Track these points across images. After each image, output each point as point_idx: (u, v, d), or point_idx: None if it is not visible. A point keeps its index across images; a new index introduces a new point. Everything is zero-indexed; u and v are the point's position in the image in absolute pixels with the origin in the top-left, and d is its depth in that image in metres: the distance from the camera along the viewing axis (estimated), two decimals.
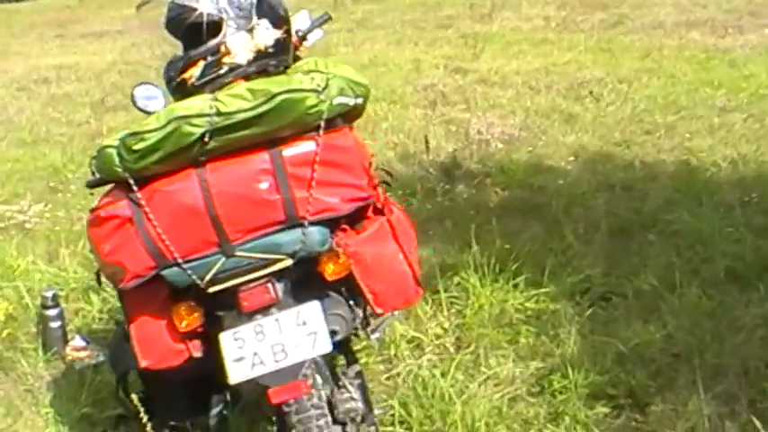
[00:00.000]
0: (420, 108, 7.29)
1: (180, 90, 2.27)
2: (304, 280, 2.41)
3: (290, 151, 2.16)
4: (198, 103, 2.08)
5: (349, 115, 2.34)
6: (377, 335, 2.96)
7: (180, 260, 2.16)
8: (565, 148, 6.02)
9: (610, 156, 5.83)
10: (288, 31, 2.39)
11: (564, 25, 10.82)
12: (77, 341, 3.72)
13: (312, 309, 2.27)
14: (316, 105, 2.13)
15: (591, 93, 7.14)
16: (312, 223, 2.20)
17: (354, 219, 2.39)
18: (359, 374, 2.72)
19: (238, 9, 2.31)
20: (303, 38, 2.75)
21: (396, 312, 3.21)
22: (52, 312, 3.73)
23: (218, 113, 2.05)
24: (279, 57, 2.31)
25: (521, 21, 11.42)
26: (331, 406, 2.49)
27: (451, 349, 3.55)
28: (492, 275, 3.85)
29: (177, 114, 2.06)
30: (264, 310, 2.28)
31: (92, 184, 2.32)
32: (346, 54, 9.75)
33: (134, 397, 2.53)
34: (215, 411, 2.70)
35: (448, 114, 7.01)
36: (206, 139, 2.06)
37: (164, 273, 2.19)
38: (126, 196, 2.16)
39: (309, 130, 2.17)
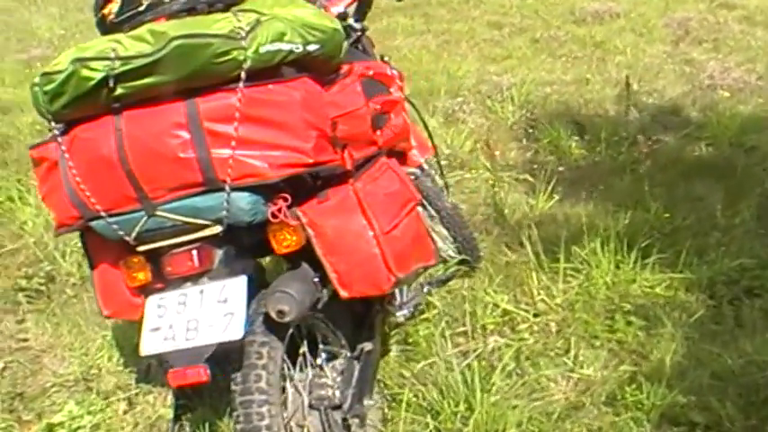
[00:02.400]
0: (665, 44, 6.45)
1: (101, 27, 2.03)
2: (256, 248, 2.13)
3: (207, 104, 1.84)
4: (100, 45, 1.84)
5: (308, 64, 1.98)
6: (404, 311, 2.62)
7: (103, 213, 1.96)
8: None
9: None
10: None
11: None
12: None
13: (236, 285, 1.96)
14: (227, 52, 1.79)
15: None
16: (237, 188, 1.89)
17: (318, 186, 2.06)
18: (357, 358, 2.41)
19: None
20: None
21: (427, 287, 2.84)
22: None
23: (118, 57, 1.80)
24: None
25: None
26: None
27: (550, 330, 3.07)
28: (626, 248, 3.28)
29: (76, 56, 1.83)
30: (193, 277, 2.04)
31: None
32: None
33: None
34: None
35: (689, 54, 6.12)
36: (110, 85, 1.82)
37: (92, 224, 2.02)
38: (55, 139, 2.00)
39: (233, 80, 1.86)
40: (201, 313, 1.96)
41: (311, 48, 1.93)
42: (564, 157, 4.59)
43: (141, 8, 1.92)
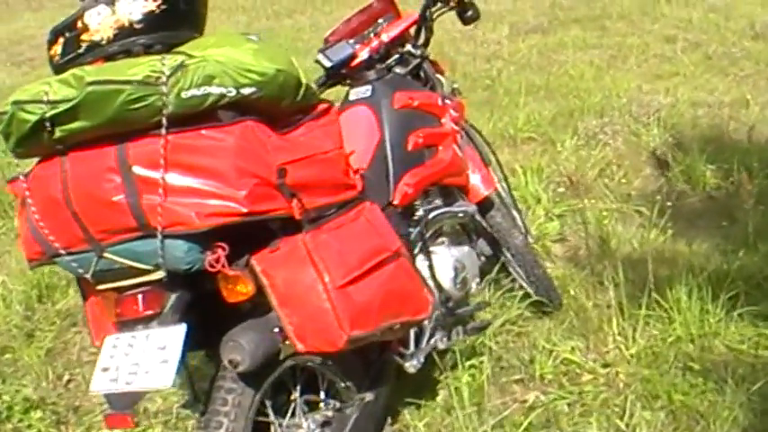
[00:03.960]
0: None
1: (51, 67, 2.04)
2: (214, 295, 2.06)
3: (135, 149, 1.80)
4: (35, 87, 1.84)
5: (254, 107, 1.88)
6: (413, 361, 2.46)
7: (62, 251, 1.97)
8: None
9: None
10: (167, 2, 1.96)
11: None
12: None
13: (174, 333, 1.90)
14: (142, 98, 1.74)
15: None
16: (172, 236, 1.82)
17: (270, 234, 1.96)
18: (352, 408, 2.30)
19: None
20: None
21: (437, 335, 2.64)
22: None
23: (47, 101, 1.79)
24: (151, 34, 1.91)
25: None
26: None
27: (617, 385, 2.79)
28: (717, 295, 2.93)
29: (15, 98, 1.85)
30: (144, 321, 2.00)
31: None
32: None
33: None
34: None
35: None
36: (48, 128, 1.82)
37: (56, 260, 2.03)
38: (17, 177, 2.02)
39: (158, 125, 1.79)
40: (143, 358, 1.92)
41: (246, 91, 1.83)
42: (696, 187, 4.19)
43: (81, 50, 1.90)
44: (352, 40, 2.87)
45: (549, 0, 9.02)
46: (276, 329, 1.99)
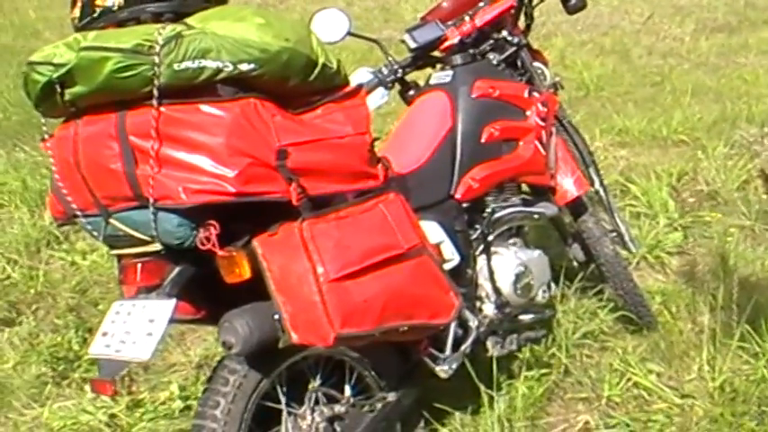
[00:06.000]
0: None
1: (73, 29, 2.02)
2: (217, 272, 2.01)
3: (132, 118, 1.77)
4: (49, 49, 1.83)
5: (259, 84, 1.80)
6: (444, 366, 2.32)
7: (78, 212, 1.99)
8: None
9: None
10: None
11: None
12: None
13: (162, 307, 1.88)
14: (130, 67, 1.70)
15: None
16: (165, 209, 1.78)
17: (271, 215, 1.88)
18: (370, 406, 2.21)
19: None
20: None
21: (490, 342, 2.48)
22: None
23: (52, 63, 1.79)
24: (160, 2, 1.81)
25: None
26: None
27: (690, 419, 2.55)
28: None
29: (31, 58, 1.86)
30: (143, 290, 1.98)
31: None
32: None
33: None
34: None
35: None
36: (59, 90, 1.82)
37: (76, 221, 2.05)
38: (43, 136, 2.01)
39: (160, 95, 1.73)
40: (135, 328, 1.91)
41: (244, 67, 1.75)
42: None
43: (95, 15, 1.90)
44: (449, 22, 2.75)
45: None
46: (276, 316, 1.91)
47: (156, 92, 1.72)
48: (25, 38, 8.07)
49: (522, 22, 2.87)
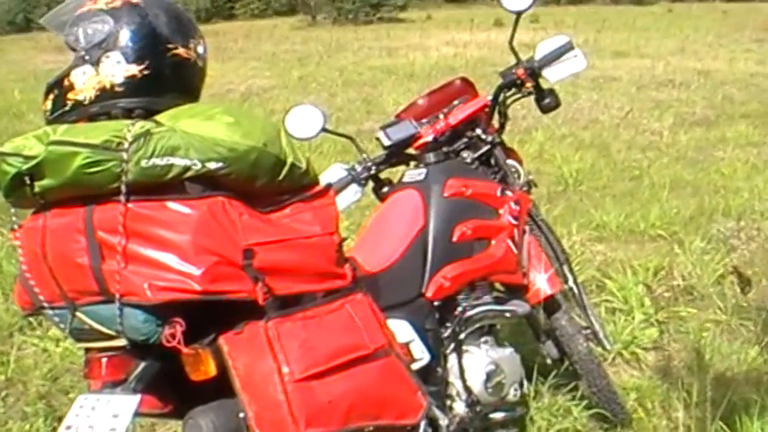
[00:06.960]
0: None
1: (45, 121, 2.04)
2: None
3: (100, 213, 1.77)
4: (19, 141, 1.84)
5: (228, 182, 1.81)
6: None
7: (45, 304, 1.98)
8: None
9: None
10: (151, 67, 1.93)
11: None
12: None
13: (126, 402, 1.86)
14: (98, 163, 1.72)
15: None
16: (130, 305, 1.77)
17: (237, 313, 1.88)
18: None
19: (91, 35, 1.95)
20: None
21: None
22: None
23: (21, 155, 1.80)
24: (132, 98, 1.89)
25: None
26: None
27: None
28: None
29: (1, 149, 1.87)
30: (109, 385, 1.97)
31: None
32: None
33: None
34: None
35: None
36: (28, 182, 1.83)
37: (43, 312, 2.04)
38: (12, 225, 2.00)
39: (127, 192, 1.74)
40: (98, 423, 1.88)
41: (212, 165, 1.77)
42: None
43: (66, 108, 1.93)
44: (423, 120, 2.80)
45: (722, 92, 8.60)
46: (242, 415, 1.90)
47: (123, 188, 1.73)
48: (9, 118, 8.15)
49: (496, 121, 2.91)
